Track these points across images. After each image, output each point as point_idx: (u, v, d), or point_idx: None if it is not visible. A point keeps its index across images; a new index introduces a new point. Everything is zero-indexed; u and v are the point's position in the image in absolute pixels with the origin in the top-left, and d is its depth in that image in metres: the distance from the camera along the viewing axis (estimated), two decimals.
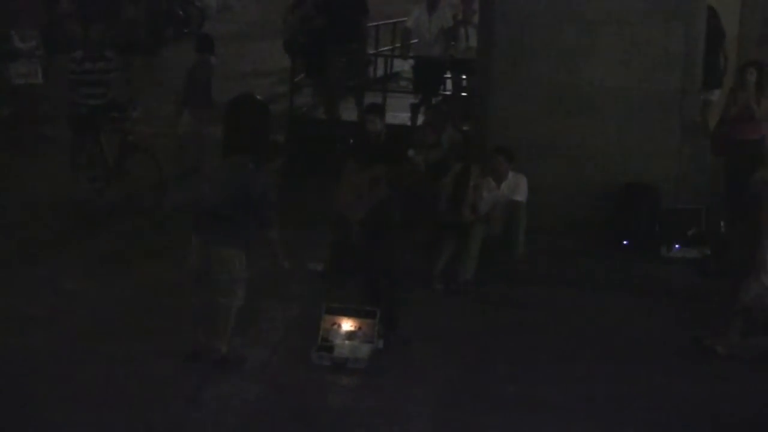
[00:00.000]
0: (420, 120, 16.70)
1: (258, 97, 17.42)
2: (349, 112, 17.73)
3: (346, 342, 10.09)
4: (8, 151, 17.34)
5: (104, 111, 15.15)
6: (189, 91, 16.54)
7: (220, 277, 9.68)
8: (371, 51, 19.81)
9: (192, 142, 16.48)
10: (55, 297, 11.39)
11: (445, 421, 9.01)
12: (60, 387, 9.21)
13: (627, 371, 10.08)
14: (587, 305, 11.78)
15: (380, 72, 20.13)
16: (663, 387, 9.78)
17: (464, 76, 18.44)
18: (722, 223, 13.60)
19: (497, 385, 9.69)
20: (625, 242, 13.50)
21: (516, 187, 12.64)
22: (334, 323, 10.20)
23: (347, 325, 10.18)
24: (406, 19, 19.38)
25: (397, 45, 21.05)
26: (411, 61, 19.19)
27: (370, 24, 19.29)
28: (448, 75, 18.72)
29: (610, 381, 9.86)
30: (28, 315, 10.80)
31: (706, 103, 15.41)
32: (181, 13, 28.88)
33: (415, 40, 19.05)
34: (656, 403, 9.47)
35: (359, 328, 10.16)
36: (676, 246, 13.34)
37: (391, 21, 21.69)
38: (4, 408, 8.78)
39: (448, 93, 18.47)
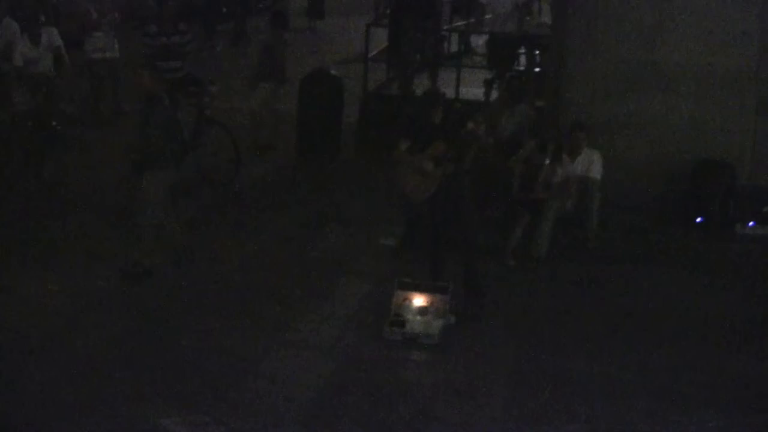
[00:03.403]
0: (493, 95, 16.70)
1: (332, 72, 17.51)
2: (423, 88, 17.73)
3: (418, 317, 10.11)
4: (87, 125, 17.58)
5: (181, 85, 15.24)
6: (263, 67, 16.69)
7: None
8: (445, 26, 19.81)
9: (266, 117, 16.65)
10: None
11: (515, 398, 9.01)
12: (134, 363, 9.39)
13: (700, 351, 9.99)
14: (660, 283, 11.70)
15: (454, 47, 20.13)
16: (736, 367, 9.70)
17: (538, 52, 18.40)
18: None
19: (568, 363, 9.66)
20: (698, 219, 13.44)
21: (590, 163, 12.61)
22: (406, 298, 10.23)
23: (419, 300, 10.20)
24: None
25: (472, 20, 21.04)
26: (485, 37, 19.19)
27: None
28: (522, 50, 18.68)
29: (684, 361, 9.78)
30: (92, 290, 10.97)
31: None
32: None
33: (489, 16, 19.04)
34: (733, 384, 9.36)
35: (431, 304, 10.18)
36: (751, 223, 13.26)
37: None
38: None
39: (521, 68, 18.44)
